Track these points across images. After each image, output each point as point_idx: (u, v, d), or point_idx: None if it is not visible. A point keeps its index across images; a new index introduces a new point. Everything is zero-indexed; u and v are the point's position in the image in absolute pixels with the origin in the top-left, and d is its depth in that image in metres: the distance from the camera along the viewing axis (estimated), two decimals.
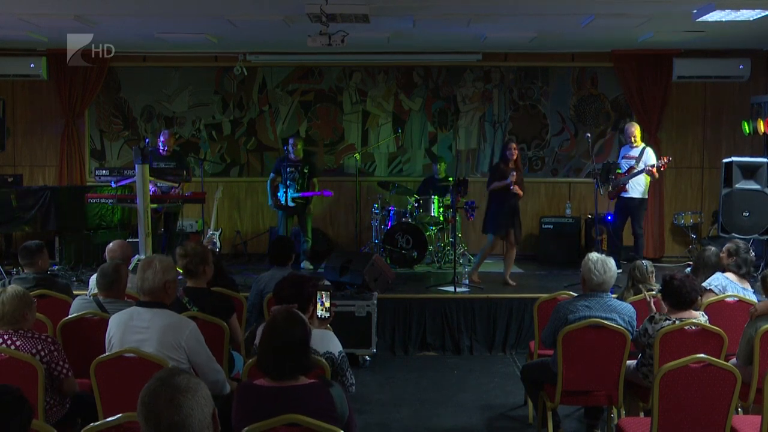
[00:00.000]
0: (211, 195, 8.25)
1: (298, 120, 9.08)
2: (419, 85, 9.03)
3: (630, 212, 7.04)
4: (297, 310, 2.76)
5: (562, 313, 3.78)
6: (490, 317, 6.25)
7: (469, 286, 6.58)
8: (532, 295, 5.81)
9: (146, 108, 9.05)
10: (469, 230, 8.95)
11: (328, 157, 9.11)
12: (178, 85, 9.02)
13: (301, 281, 3.24)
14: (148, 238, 5.69)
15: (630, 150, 7.09)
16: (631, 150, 7.06)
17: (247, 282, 6.27)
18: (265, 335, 2.51)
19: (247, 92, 9.06)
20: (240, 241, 9.00)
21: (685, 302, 3.67)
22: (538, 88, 8.98)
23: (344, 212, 9.12)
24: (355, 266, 6.14)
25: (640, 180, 6.96)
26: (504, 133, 9.03)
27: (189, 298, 3.78)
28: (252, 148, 9.13)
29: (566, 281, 6.65)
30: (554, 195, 9.08)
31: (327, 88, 9.04)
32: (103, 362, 3.11)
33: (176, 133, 8.61)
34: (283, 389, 2.43)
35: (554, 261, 8.25)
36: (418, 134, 9.06)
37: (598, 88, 8.95)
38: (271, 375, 2.46)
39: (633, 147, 7.05)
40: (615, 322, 3.71)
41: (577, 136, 8.96)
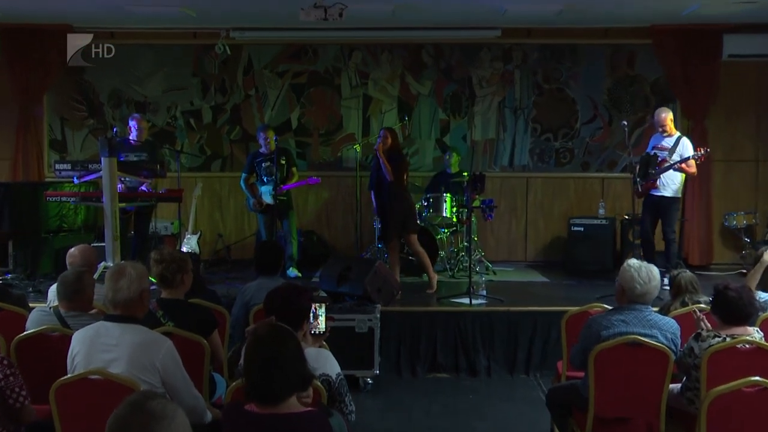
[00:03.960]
0: (189, 192, 8.26)
1: (289, 106, 9.09)
2: (429, 65, 9.03)
3: (660, 213, 7.01)
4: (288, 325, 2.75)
5: (594, 328, 3.78)
6: (511, 333, 6.24)
7: (487, 297, 6.58)
8: (560, 308, 5.78)
9: (114, 92, 9.06)
10: (487, 233, 8.95)
11: (323, 148, 9.12)
12: (151, 65, 9.03)
13: (295, 292, 3.24)
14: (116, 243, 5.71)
15: (662, 139, 7.04)
16: (664, 140, 7.02)
17: (231, 293, 6.27)
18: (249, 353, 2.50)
19: (231, 74, 9.07)
20: (222, 246, 9.00)
21: (740, 317, 3.66)
22: (566, 69, 8.97)
23: (342, 212, 9.13)
24: (354, 274, 6.14)
25: (674, 176, 6.92)
26: (526, 120, 9.03)
27: (164, 312, 3.78)
28: (236, 139, 9.14)
29: (599, 292, 6.64)
30: (585, 192, 9.07)
31: (322, 70, 9.05)
32: (64, 385, 3.11)
33: (149, 120, 8.62)
34: (276, 417, 2.42)
35: (585, 268, 8.23)
36: (428, 122, 9.06)
37: (635, 69, 8.94)
38: (259, 398, 2.44)
39: (665, 136, 7.01)
40: (656, 339, 3.70)
41: (612, 125, 8.95)
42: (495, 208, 7.22)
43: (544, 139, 9.08)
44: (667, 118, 7.01)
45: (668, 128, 7.00)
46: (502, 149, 9.09)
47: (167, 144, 8.88)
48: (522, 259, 9.10)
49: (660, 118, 7.03)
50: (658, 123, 7.05)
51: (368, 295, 5.99)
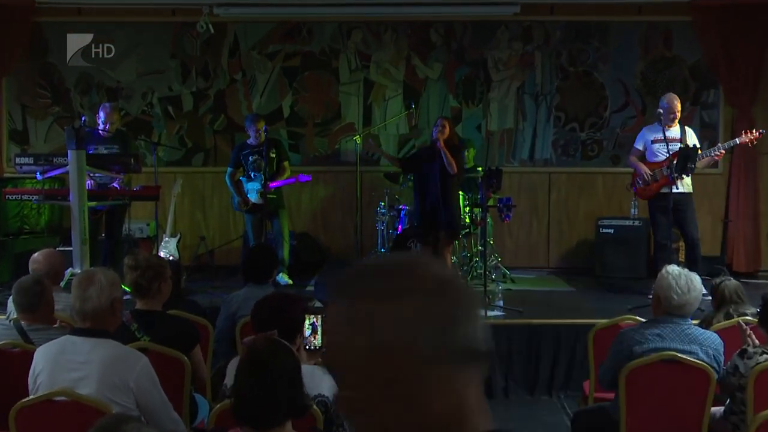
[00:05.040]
0: (168, 190, 8.28)
1: (280, 92, 9.10)
2: (438, 46, 9.04)
3: (680, 212, 7.00)
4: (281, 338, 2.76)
5: (626, 344, 3.78)
6: (532, 349, 6.24)
7: (504, 308, 6.58)
8: (587, 321, 5.80)
9: (82, 76, 9.08)
10: (504, 235, 8.95)
11: (319, 140, 9.13)
12: (124, 46, 9.04)
13: (286, 302, 3.25)
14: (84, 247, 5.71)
15: (663, 131, 7.01)
16: (669, 130, 6.99)
17: (214, 303, 6.26)
18: (242, 372, 2.51)
19: (214, 56, 9.08)
20: (205, 251, 9.01)
21: None
22: (594, 49, 8.97)
23: (341, 212, 9.14)
24: None
25: None
26: (549, 108, 9.03)
27: (139, 324, 3.79)
28: (220, 129, 9.15)
29: (631, 302, 6.64)
30: (615, 189, 9.06)
31: (318, 51, 9.06)
32: (26, 408, 3.11)
33: (122, 108, 8.63)
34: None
35: (615, 276, 8.24)
36: (437, 110, 9.06)
37: (672, 50, 8.93)
38: (252, 424, 2.45)
39: (669, 127, 6.99)
40: (695, 356, 3.70)
41: (646, 113, 8.94)
42: (513, 207, 7.20)
43: (568, 130, 9.08)
44: (679, 105, 7.02)
45: (678, 117, 7.01)
46: (521, 141, 9.09)
47: (142, 135, 8.89)
48: (544, 265, 9.10)
49: (673, 105, 6.99)
50: (670, 110, 6.98)
51: None
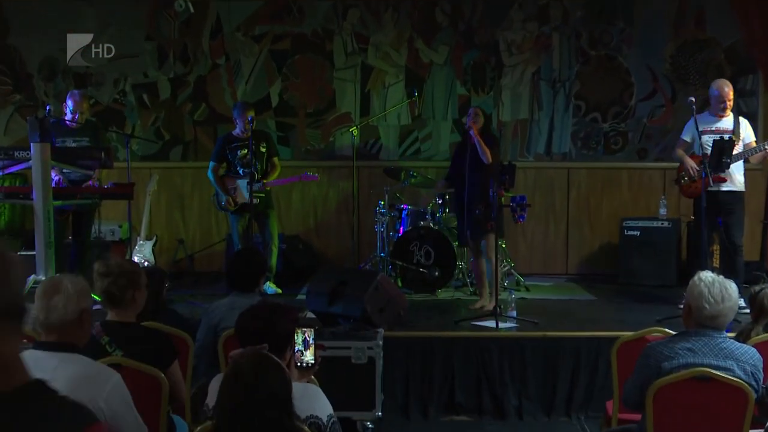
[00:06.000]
0: (142, 187, 8.29)
1: (268, 78, 9.11)
2: (444, 26, 9.05)
3: (727, 214, 7.01)
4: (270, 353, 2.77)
5: (653, 359, 3.78)
6: (549, 365, 6.25)
7: (518, 319, 6.59)
8: (610, 333, 5.81)
9: (47, 60, 9.09)
10: (518, 238, 8.96)
11: (311, 132, 9.14)
12: (93, 26, 9.05)
13: (275, 313, 3.25)
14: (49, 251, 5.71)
15: (715, 121, 7.02)
16: (720, 121, 7.01)
17: (195, 314, 6.27)
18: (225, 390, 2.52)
19: (195, 38, 9.10)
20: (184, 255, 9.03)
21: None
22: (618, 31, 8.99)
23: (335, 212, 9.15)
24: (351, 291, 6.15)
25: (740, 165, 6.96)
26: (568, 96, 9.04)
27: (111, 338, 3.79)
28: (201, 120, 9.17)
29: (659, 313, 6.65)
30: (642, 187, 9.09)
31: (310, 32, 9.08)
32: None
33: (91, 97, 8.65)
34: None
35: (642, 283, 8.26)
36: (443, 99, 9.08)
37: (706, 31, 8.95)
38: None
39: (721, 117, 7.00)
40: (731, 372, 3.71)
41: (676, 101, 8.96)
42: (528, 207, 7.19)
43: (589, 120, 9.10)
44: (731, 92, 7.03)
45: (730, 106, 7.02)
46: (536, 133, 9.10)
47: (114, 126, 8.89)
48: (562, 271, 9.12)
49: (724, 93, 6.99)
50: (720, 99, 7.00)
51: (368, 316, 6.00)
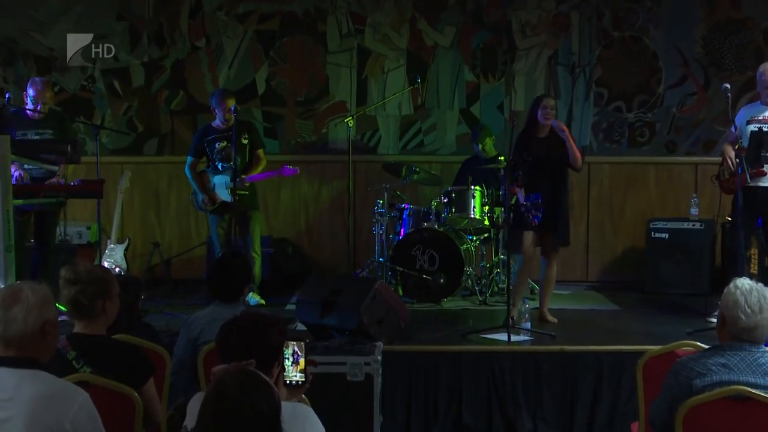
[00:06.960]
0: (113, 185, 8.29)
1: (253, 62, 9.11)
2: (451, 5, 9.05)
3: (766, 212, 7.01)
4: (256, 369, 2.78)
5: (684, 376, 3.79)
6: (567, 383, 6.24)
7: (533, 332, 6.59)
8: (635, 347, 5.81)
9: (5, 43, 9.10)
10: None
11: (302, 122, 9.14)
12: (58, 5, 9.06)
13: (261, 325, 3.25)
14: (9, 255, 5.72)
15: (764, 109, 7.01)
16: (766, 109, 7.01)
17: (171, 326, 6.28)
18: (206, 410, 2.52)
19: (171, 18, 9.10)
20: (160, 260, 9.03)
21: None
22: (645, 10, 8.99)
23: (329, 212, 9.15)
24: (346, 300, 6.15)
25: None
26: (588, 83, 9.04)
27: (78, 353, 3.79)
28: (179, 109, 9.17)
29: (690, 325, 6.65)
30: (671, 184, 9.09)
31: (301, 12, 9.07)
32: None
33: (55, 84, 8.65)
34: None
35: (671, 292, 8.26)
36: (449, 86, 9.09)
37: (742, 11, 8.95)
38: None
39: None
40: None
41: (709, 89, 8.96)
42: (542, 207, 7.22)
43: (613, 110, 9.10)
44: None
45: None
46: None
47: (82, 116, 8.90)
48: (581, 278, 9.12)
49: None
50: (766, 84, 7.00)
51: (365, 329, 6.00)
